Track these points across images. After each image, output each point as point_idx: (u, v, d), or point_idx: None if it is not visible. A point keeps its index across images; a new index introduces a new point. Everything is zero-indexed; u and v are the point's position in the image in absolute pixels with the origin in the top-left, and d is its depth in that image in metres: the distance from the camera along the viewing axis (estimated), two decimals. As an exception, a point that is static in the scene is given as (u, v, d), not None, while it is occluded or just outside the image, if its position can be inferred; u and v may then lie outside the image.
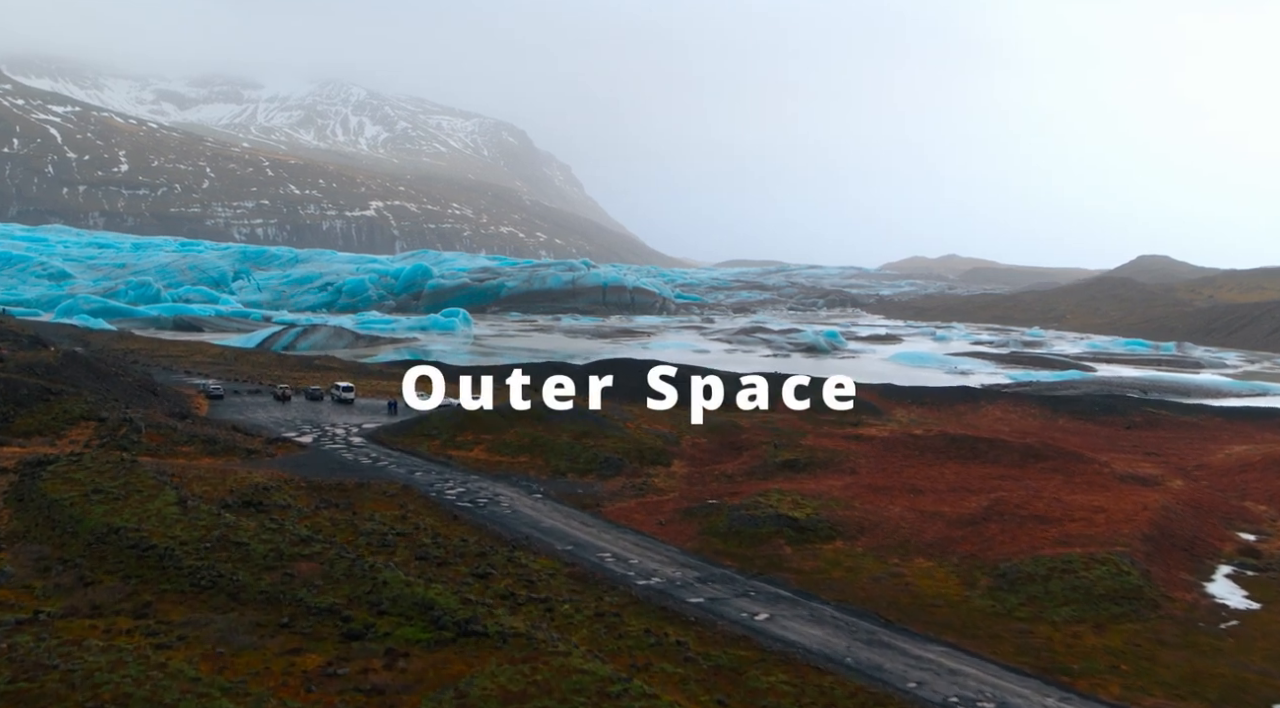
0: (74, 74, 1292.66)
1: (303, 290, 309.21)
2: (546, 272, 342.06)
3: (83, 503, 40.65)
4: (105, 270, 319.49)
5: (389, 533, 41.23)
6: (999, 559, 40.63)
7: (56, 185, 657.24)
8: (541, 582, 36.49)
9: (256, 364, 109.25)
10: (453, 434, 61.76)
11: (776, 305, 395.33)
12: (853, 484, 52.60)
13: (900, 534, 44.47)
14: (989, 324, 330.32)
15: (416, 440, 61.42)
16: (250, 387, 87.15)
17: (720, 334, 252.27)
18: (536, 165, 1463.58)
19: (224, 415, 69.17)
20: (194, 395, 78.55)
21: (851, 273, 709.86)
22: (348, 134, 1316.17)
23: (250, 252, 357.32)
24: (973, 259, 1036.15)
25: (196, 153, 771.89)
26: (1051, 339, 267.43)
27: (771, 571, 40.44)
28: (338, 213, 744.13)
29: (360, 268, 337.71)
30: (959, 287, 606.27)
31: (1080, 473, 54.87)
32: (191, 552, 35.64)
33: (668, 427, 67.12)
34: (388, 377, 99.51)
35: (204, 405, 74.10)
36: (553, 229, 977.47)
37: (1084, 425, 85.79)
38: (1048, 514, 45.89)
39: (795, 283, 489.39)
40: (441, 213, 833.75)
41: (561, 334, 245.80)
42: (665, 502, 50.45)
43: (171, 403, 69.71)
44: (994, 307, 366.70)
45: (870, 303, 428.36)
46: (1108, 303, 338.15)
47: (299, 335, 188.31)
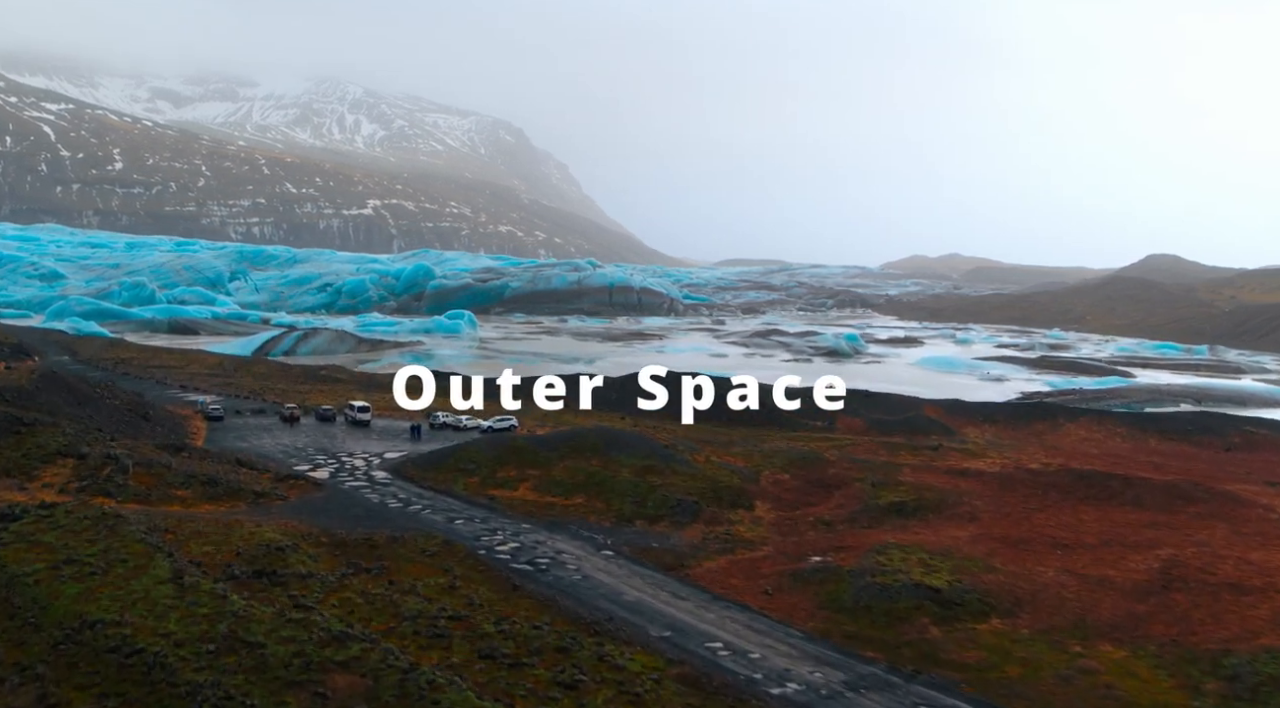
0: (69, 72, 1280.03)
1: (301, 291, 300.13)
2: (551, 272, 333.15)
3: (51, 580, 31.92)
4: (98, 271, 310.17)
5: (440, 616, 32.50)
6: (1214, 649, 32.01)
7: (50, 184, 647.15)
8: (649, 693, 27.81)
9: (258, 376, 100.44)
10: (492, 469, 53.05)
11: (785, 306, 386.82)
12: (981, 536, 43.97)
13: (1069, 609, 35.85)
14: (1005, 325, 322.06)
15: (451, 476, 52.68)
16: (253, 404, 78.38)
17: (734, 337, 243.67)
18: (534, 164, 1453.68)
19: (225, 443, 60.41)
20: (190, 417, 69.80)
21: (855, 272, 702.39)
22: (344, 132, 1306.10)
23: (247, 251, 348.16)
24: (975, 258, 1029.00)
25: (192, 151, 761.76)
26: (1076, 342, 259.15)
27: (929, 666, 31.76)
28: (335, 212, 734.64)
29: (360, 268, 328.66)
30: (965, 287, 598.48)
31: (1244, 519, 46.37)
32: (190, 658, 26.92)
33: (739, 459, 58.23)
34: (406, 389, 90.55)
35: (202, 430, 65.39)
36: (551, 228, 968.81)
37: (1179, 447, 77.31)
38: (1243, 581, 37.35)
39: (802, 283, 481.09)
40: (440, 211, 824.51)
41: (570, 337, 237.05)
42: (761, 560, 41.80)
43: (165, 430, 60.95)
44: (1009, 308, 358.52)
45: (879, 303, 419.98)
46: (1126, 304, 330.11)
47: (299, 340, 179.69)
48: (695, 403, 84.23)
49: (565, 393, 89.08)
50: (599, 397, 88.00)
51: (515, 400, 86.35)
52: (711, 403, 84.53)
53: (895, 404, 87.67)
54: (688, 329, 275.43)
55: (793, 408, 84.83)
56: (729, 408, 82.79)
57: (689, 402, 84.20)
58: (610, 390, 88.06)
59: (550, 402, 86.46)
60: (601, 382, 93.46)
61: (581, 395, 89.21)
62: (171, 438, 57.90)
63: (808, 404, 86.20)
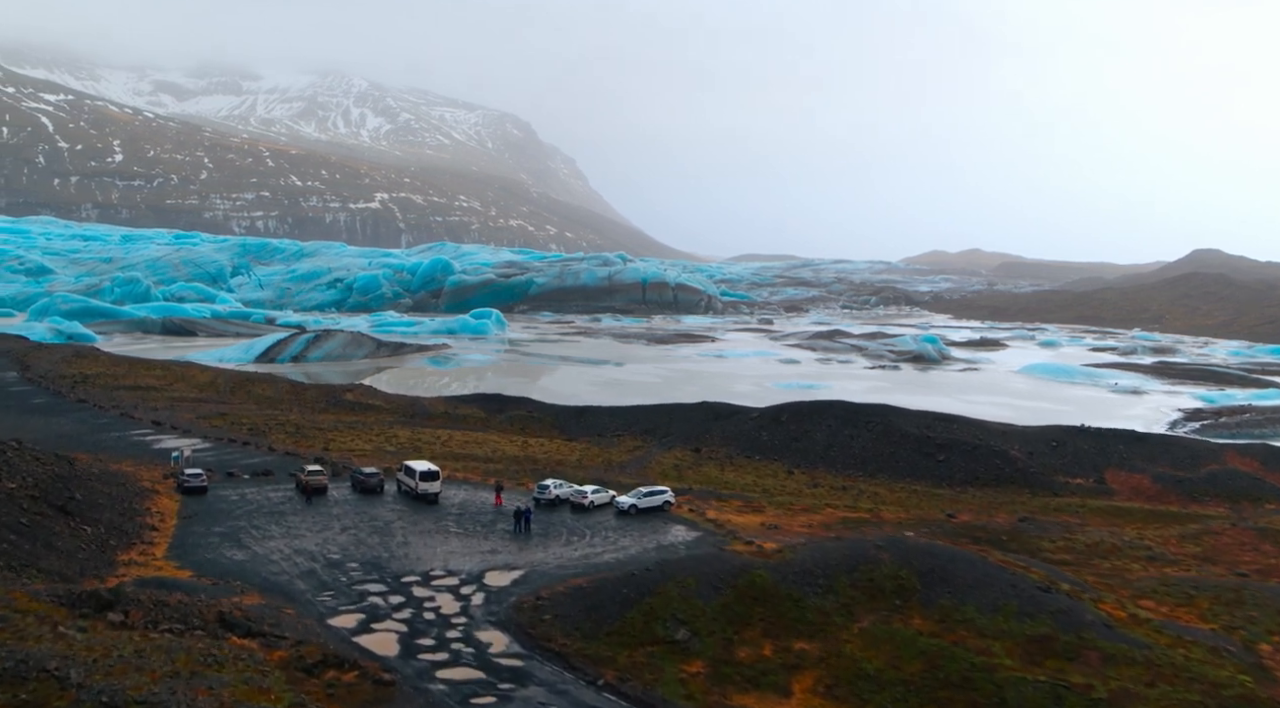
0: (70, 65, 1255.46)
1: (309, 288, 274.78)
2: (579, 266, 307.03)
3: None
4: (89, 265, 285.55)
5: None
6: None
7: (47, 176, 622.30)
8: None
9: (262, 400, 74.48)
10: (724, 638, 27.06)
11: (828, 303, 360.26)
12: None
13: None
14: (1076, 325, 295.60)
15: (645, 657, 26.64)
16: (254, 457, 52.43)
17: (793, 339, 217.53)
18: (542, 158, 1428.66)
19: (203, 552, 34.66)
20: (154, 486, 43.91)
21: (881, 268, 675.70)
22: (349, 126, 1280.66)
23: (251, 245, 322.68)
24: (997, 254, 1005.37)
25: (194, 143, 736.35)
26: (1171, 344, 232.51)
27: None
28: (341, 205, 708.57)
29: (372, 262, 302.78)
30: (999, 283, 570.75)
31: None
32: None
33: (1188, 612, 31.51)
34: (463, 421, 64.57)
35: (170, 514, 39.56)
36: (562, 223, 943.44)
37: None
38: None
39: (841, 278, 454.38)
40: (449, 205, 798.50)
41: (611, 339, 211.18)
42: None
43: (103, 527, 35.00)
44: (1075, 305, 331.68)
45: (925, 300, 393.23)
46: (1206, 301, 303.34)
47: (310, 343, 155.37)
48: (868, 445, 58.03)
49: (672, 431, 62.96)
50: (729, 433, 62.05)
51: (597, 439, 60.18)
52: (882, 442, 58.51)
53: (1182, 452, 61.32)
54: (736, 329, 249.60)
55: (1016, 453, 58.65)
56: (934, 458, 56.49)
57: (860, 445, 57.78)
58: (761, 429, 61.76)
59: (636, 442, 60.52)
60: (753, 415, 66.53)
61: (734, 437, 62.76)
62: (104, 552, 31.93)
63: (1034, 447, 59.98)
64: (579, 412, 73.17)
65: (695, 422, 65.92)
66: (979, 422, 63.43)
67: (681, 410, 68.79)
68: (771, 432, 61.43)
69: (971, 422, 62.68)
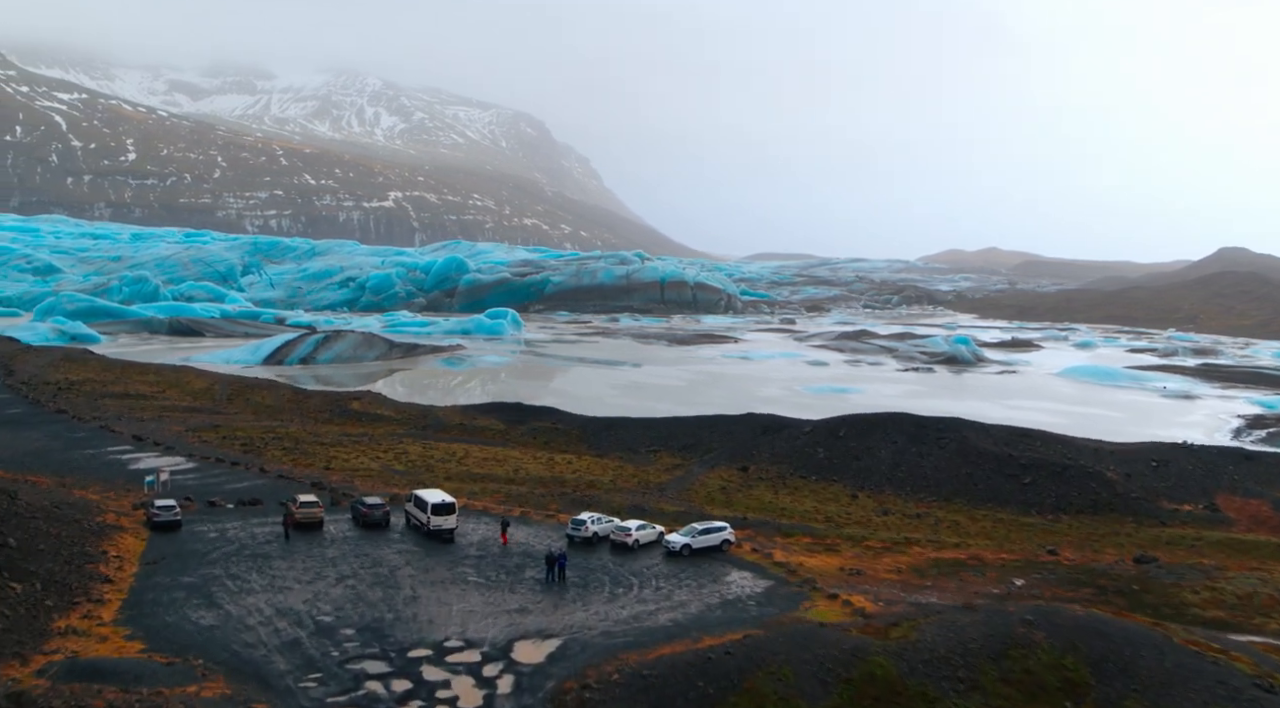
0: (85, 64, 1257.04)
1: (321, 286, 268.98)
2: (596, 265, 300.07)
3: None
4: (98, 264, 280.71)
5: None
6: None
7: (60, 175, 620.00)
8: None
9: (261, 409, 67.75)
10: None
11: (849, 303, 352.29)
12: None
13: None
14: (1106, 325, 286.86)
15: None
16: (242, 479, 45.63)
17: (820, 339, 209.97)
18: (556, 157, 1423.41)
19: (164, 608, 27.85)
20: (119, 519, 37.18)
21: (899, 267, 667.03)
22: (363, 125, 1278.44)
23: (262, 243, 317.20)
24: (1016, 252, 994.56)
25: (208, 141, 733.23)
26: (1210, 345, 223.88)
27: None
28: (355, 204, 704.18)
29: (385, 261, 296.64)
30: (1022, 282, 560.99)
31: None
32: None
33: None
34: (480, 433, 57.61)
35: (132, 558, 32.83)
36: (576, 221, 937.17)
37: None
38: None
39: (862, 277, 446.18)
40: (463, 204, 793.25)
41: (630, 339, 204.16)
42: None
43: (39, 583, 28.26)
44: (1105, 305, 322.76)
45: (948, 299, 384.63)
46: (1241, 301, 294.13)
47: (319, 344, 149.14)
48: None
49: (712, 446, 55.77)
50: (779, 449, 55.01)
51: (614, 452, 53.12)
52: (957, 460, 51.33)
53: (1298, 471, 53.88)
54: (758, 329, 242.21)
55: (1113, 475, 51.33)
56: (1018, 480, 49.24)
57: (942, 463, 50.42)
58: (816, 444, 54.61)
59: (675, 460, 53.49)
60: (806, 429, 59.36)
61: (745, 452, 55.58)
62: (21, 632, 25.05)
63: (1131, 467, 52.62)
64: (608, 424, 65.78)
65: (740, 436, 58.64)
66: (1064, 438, 55.98)
67: (724, 423, 61.36)
68: (829, 448, 54.31)
69: (1056, 438, 55.31)
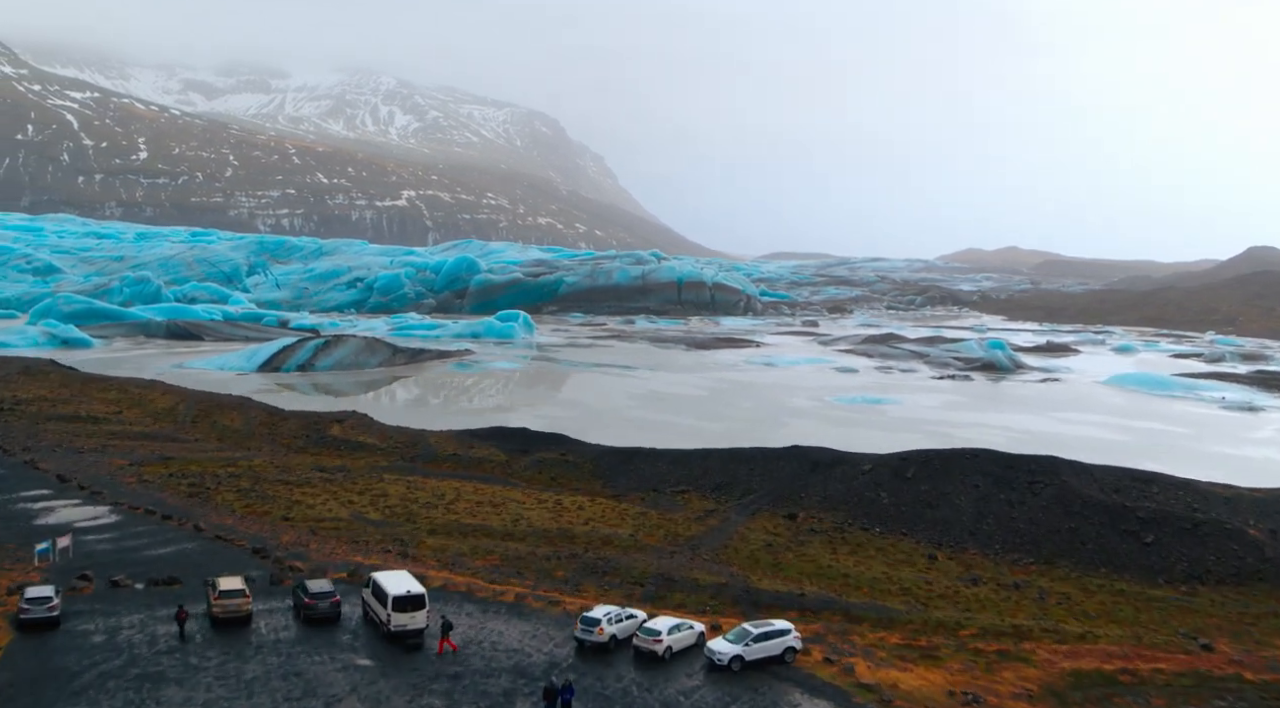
0: (100, 64, 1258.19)
1: (328, 287, 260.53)
2: (611, 265, 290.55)
3: None
4: (100, 264, 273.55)
5: None
6: None
7: (71, 174, 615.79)
8: None
9: (227, 436, 58.68)
10: None
11: (871, 304, 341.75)
12: None
13: None
14: (1142, 328, 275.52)
15: None
16: (164, 547, 36.42)
17: (845, 343, 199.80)
18: (570, 156, 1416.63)
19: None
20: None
21: (919, 266, 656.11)
22: (378, 124, 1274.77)
23: (268, 242, 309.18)
24: (1036, 251, 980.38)
25: (220, 140, 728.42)
26: (1257, 349, 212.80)
27: None
28: (368, 203, 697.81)
29: (394, 261, 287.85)
30: (1045, 281, 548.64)
31: None
32: None
33: None
34: (477, 466, 48.24)
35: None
36: (591, 220, 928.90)
37: None
38: None
39: (884, 276, 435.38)
40: (476, 203, 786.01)
41: (647, 343, 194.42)
42: None
43: None
44: (1138, 306, 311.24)
45: (974, 300, 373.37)
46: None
47: (319, 350, 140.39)
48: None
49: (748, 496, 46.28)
50: (833, 491, 45.54)
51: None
52: (1056, 511, 41.65)
53: None
54: (778, 332, 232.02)
55: (1257, 533, 41.60)
56: (1138, 538, 39.59)
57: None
58: (878, 486, 45.04)
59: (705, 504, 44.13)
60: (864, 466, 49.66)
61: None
62: None
63: (1275, 521, 42.75)
64: (626, 456, 55.64)
65: (784, 474, 48.74)
66: (1186, 482, 46.00)
67: (764, 458, 51.14)
68: (893, 491, 44.77)
69: (1177, 482, 45.41)
